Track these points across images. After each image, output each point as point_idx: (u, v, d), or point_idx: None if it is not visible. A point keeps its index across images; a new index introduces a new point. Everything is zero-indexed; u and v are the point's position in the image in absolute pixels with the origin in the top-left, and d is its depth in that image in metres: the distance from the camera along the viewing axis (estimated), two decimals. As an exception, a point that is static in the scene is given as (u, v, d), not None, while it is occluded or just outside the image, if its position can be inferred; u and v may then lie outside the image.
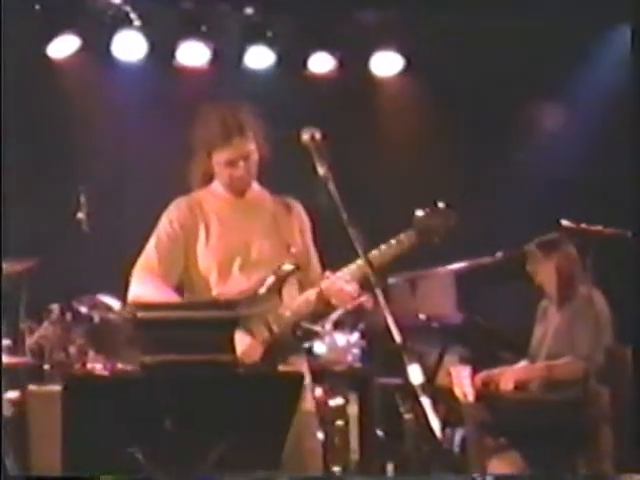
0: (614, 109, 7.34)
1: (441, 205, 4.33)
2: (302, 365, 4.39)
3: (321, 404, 6.00)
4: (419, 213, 4.31)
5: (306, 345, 4.63)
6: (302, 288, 4.35)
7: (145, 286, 4.31)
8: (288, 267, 4.31)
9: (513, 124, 7.85)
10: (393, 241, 4.27)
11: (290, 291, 4.34)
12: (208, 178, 4.45)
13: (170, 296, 4.29)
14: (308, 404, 4.36)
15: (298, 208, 4.50)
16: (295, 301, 4.31)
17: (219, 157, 4.35)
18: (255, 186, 4.47)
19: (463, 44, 7.59)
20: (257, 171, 4.41)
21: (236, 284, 4.31)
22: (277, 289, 4.30)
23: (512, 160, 7.83)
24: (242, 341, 4.15)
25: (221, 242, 4.36)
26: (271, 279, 4.29)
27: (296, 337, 4.32)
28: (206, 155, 4.38)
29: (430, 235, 4.31)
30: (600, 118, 7.67)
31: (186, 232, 4.37)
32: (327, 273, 4.31)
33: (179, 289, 4.41)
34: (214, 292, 4.32)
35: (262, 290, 4.27)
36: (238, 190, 4.42)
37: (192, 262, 4.35)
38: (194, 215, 4.39)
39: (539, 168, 7.80)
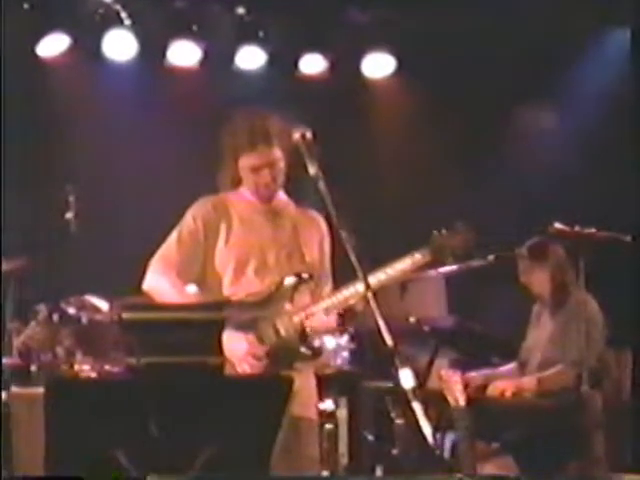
0: (611, 110, 7.31)
1: (460, 225, 4.33)
2: (308, 372, 4.40)
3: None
4: (436, 232, 4.32)
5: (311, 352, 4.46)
6: (313, 299, 4.39)
7: (159, 279, 4.37)
8: (302, 275, 4.37)
9: (507, 125, 7.80)
10: (408, 259, 4.29)
11: (302, 300, 4.37)
12: (236, 182, 4.51)
13: (183, 293, 4.33)
14: (310, 411, 4.38)
15: (320, 221, 4.53)
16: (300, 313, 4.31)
17: (244, 163, 4.42)
18: (281, 195, 4.54)
19: (456, 44, 7.54)
20: (284, 180, 4.47)
21: (248, 286, 4.36)
22: (289, 295, 4.34)
23: (505, 161, 7.78)
24: (248, 341, 4.22)
25: (240, 243, 4.41)
26: (288, 280, 4.33)
27: (303, 344, 4.31)
28: (233, 161, 4.45)
29: (445, 255, 4.33)
30: (596, 119, 7.63)
31: (207, 230, 4.42)
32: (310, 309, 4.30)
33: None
34: (226, 292, 4.36)
35: (271, 291, 4.31)
36: (264, 196, 4.47)
37: (210, 260, 4.41)
38: (217, 214, 4.45)
39: (532, 169, 7.76)
